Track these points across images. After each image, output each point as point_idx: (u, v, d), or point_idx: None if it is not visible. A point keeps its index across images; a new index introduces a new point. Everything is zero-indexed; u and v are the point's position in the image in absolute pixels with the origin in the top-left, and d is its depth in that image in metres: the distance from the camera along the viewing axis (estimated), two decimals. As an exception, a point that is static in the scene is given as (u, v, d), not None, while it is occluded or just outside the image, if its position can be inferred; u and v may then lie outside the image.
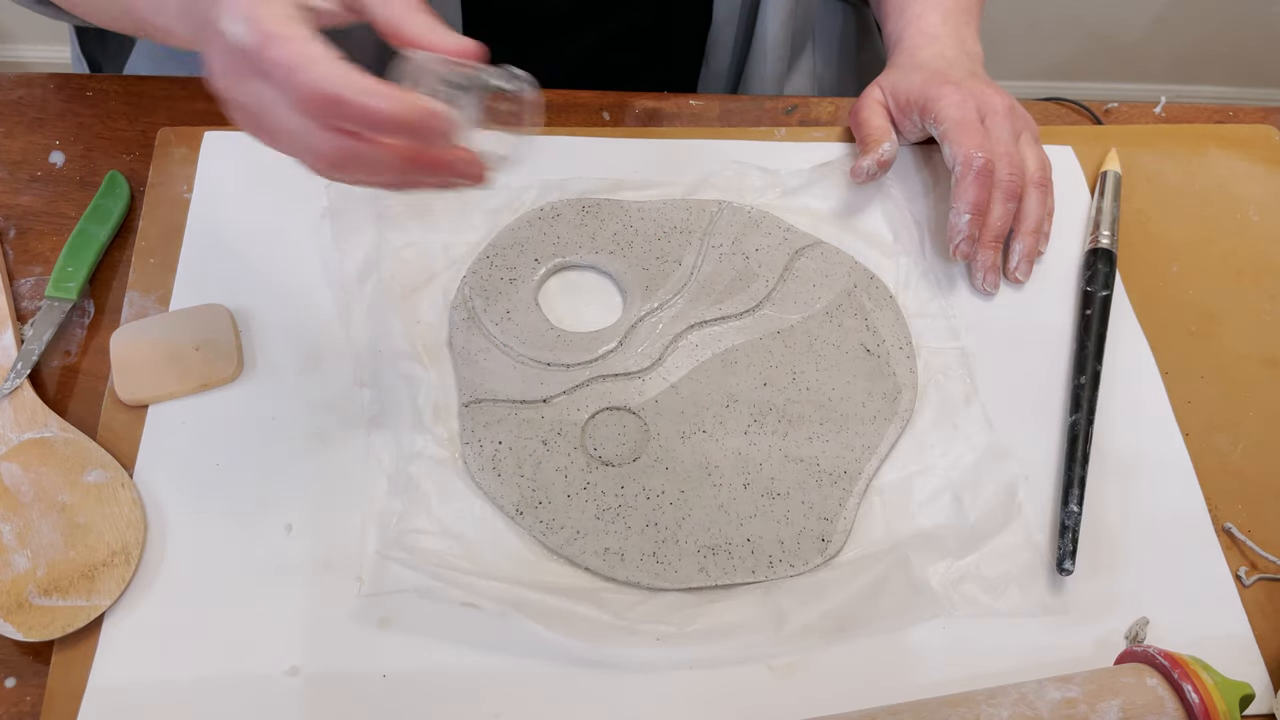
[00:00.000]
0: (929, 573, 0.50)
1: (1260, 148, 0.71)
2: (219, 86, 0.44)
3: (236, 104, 0.44)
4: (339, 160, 0.43)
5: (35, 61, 1.68)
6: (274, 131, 0.44)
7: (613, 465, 0.52)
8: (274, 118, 0.43)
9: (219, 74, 0.44)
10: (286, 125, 0.43)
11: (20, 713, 0.44)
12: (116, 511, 0.48)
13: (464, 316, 0.56)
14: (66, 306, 0.55)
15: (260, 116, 0.44)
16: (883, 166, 0.63)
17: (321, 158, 0.44)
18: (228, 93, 0.44)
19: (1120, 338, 0.60)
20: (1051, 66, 1.77)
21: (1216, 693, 0.42)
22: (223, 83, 0.44)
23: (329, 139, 0.43)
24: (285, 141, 0.44)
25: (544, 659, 0.46)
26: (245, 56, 0.42)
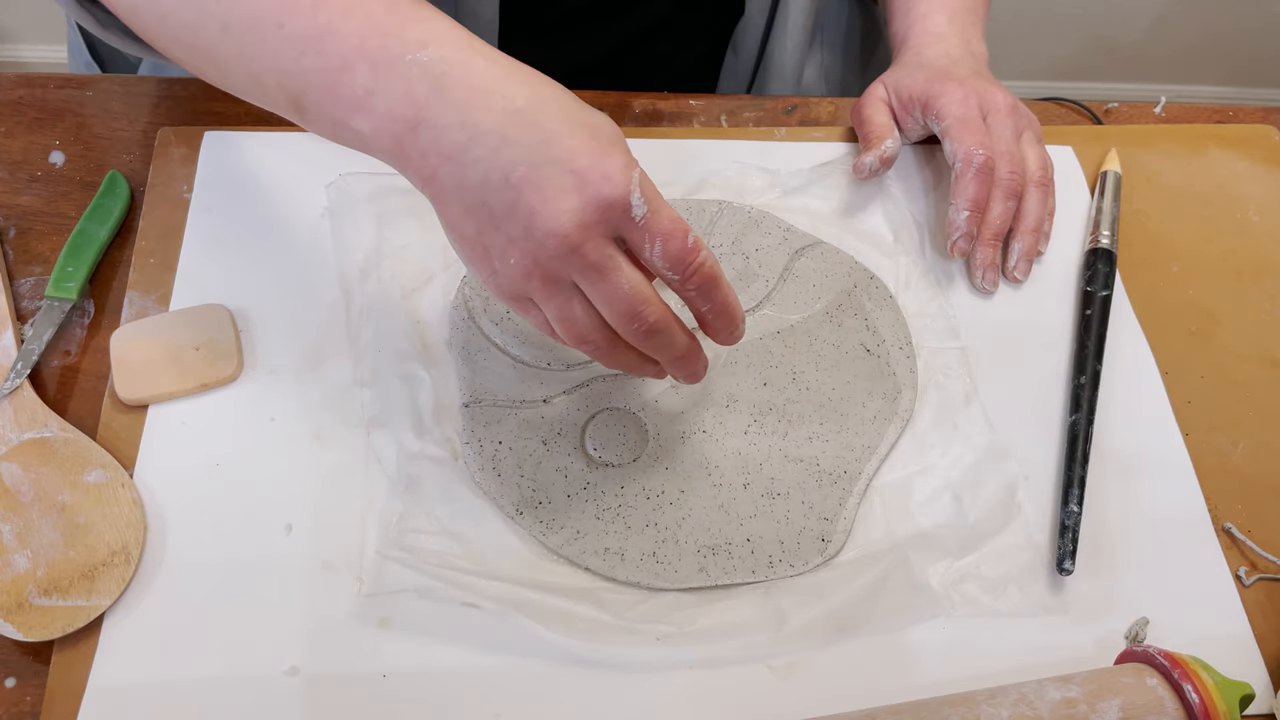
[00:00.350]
0: (929, 573, 0.50)
1: (1260, 148, 0.71)
2: (539, 263, 0.42)
3: (555, 283, 0.43)
4: (651, 333, 0.44)
5: (35, 61, 1.68)
6: (610, 299, 0.43)
7: (613, 465, 0.52)
8: (608, 291, 0.43)
9: (571, 230, 0.41)
10: (616, 300, 0.43)
11: (20, 713, 0.44)
12: (116, 511, 0.48)
13: (464, 316, 0.56)
14: (66, 306, 0.55)
15: (598, 282, 0.43)
16: (885, 163, 0.63)
17: (640, 331, 0.44)
18: (556, 267, 0.42)
19: (1120, 338, 0.60)
20: (1051, 66, 1.77)
21: (1216, 693, 0.42)
22: (563, 255, 0.42)
23: (659, 313, 0.44)
24: (612, 307, 0.43)
25: (544, 659, 0.46)
26: (615, 223, 0.42)
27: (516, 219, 0.41)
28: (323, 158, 0.62)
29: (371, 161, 0.61)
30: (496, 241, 0.42)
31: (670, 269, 0.44)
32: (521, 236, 0.41)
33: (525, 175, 0.41)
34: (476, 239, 0.43)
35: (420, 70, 0.42)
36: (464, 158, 0.41)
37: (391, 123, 0.42)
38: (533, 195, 0.41)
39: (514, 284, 0.43)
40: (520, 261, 0.42)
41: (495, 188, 0.41)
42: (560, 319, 0.44)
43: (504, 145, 0.41)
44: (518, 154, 0.41)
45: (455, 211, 0.43)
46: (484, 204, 0.42)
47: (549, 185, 0.41)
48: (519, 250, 0.42)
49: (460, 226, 0.43)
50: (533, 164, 0.41)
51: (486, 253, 0.43)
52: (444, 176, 0.42)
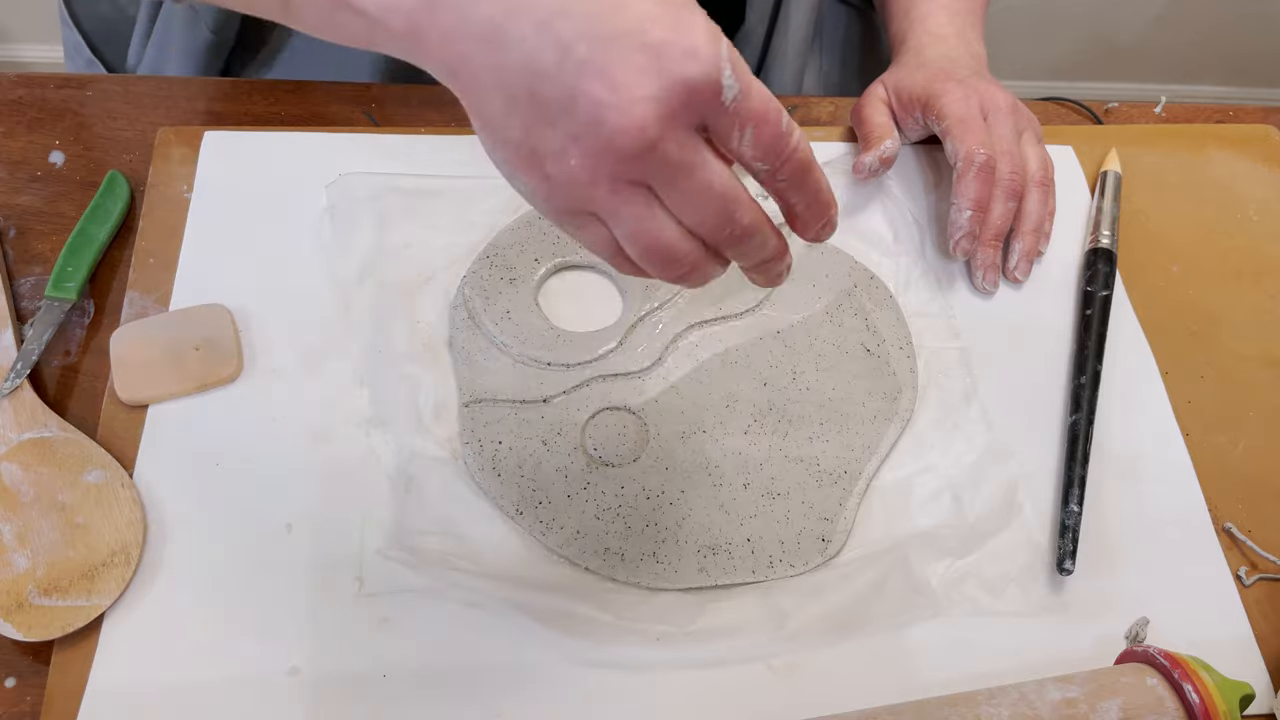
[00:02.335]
0: (929, 572, 0.50)
1: (1260, 148, 0.71)
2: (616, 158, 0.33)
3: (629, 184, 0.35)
4: (743, 236, 0.37)
5: (35, 61, 1.68)
6: (699, 200, 0.36)
7: (613, 465, 0.52)
8: (696, 193, 0.35)
9: (649, 122, 0.33)
10: (706, 202, 0.36)
11: (20, 713, 0.44)
12: (116, 511, 0.48)
13: (464, 316, 0.56)
14: (66, 306, 0.55)
15: (683, 183, 0.35)
16: (885, 163, 0.63)
17: (732, 236, 0.37)
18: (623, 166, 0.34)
19: (1120, 338, 0.60)
20: (1051, 66, 1.77)
21: (1216, 693, 0.42)
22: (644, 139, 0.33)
23: (753, 212, 0.37)
24: (701, 211, 0.36)
25: (544, 659, 0.46)
26: (700, 109, 0.34)
27: (577, 111, 0.33)
28: (323, 158, 0.62)
29: (372, 161, 0.62)
30: (551, 141, 0.34)
31: (762, 159, 0.36)
32: (584, 132, 0.33)
33: (585, 55, 0.33)
34: (524, 139, 0.34)
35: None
36: (502, 37, 0.33)
37: None
38: (597, 80, 0.33)
39: (574, 193, 0.35)
40: (583, 163, 0.34)
41: (548, 70, 0.33)
42: (637, 234, 0.36)
43: (554, 17, 0.33)
44: (574, 26, 0.33)
45: (494, 107, 0.34)
46: (532, 95, 0.33)
47: (618, 66, 0.33)
48: (581, 149, 0.34)
49: (501, 127, 0.35)
50: (594, 39, 0.33)
51: (536, 156, 0.35)
52: (476, 63, 0.34)
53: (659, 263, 0.37)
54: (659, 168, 0.35)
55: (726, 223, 0.37)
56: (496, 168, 0.37)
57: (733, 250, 0.39)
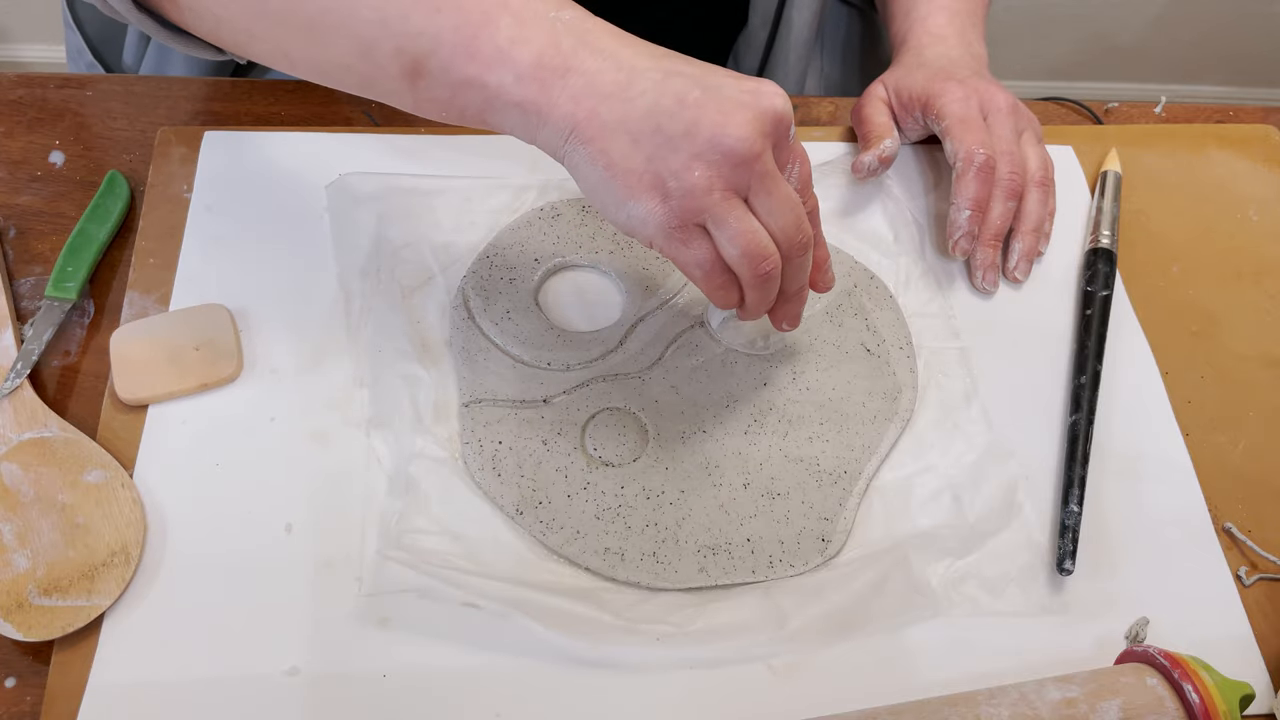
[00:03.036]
0: (929, 572, 0.50)
1: (1260, 148, 0.71)
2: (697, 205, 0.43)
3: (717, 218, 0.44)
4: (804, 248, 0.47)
5: (35, 61, 1.68)
6: (783, 207, 0.45)
7: (613, 465, 0.52)
8: (781, 199, 0.45)
9: (755, 138, 0.43)
10: (787, 208, 0.45)
11: (20, 713, 0.44)
12: (116, 511, 0.48)
13: (464, 316, 0.56)
14: (66, 306, 0.55)
15: (774, 190, 0.45)
16: (884, 163, 0.63)
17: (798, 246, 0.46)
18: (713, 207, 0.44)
19: (1120, 338, 0.60)
20: (1051, 66, 1.77)
21: (1216, 693, 0.42)
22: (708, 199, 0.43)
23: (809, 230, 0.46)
24: (783, 215, 0.45)
25: (544, 659, 0.46)
26: (777, 138, 0.45)
27: (698, 135, 0.42)
28: (323, 158, 0.62)
29: (372, 161, 0.62)
30: (674, 162, 0.43)
31: (800, 191, 0.47)
32: (706, 149, 0.43)
33: (700, 97, 0.43)
34: (646, 167, 0.43)
35: (564, 26, 0.43)
36: (627, 92, 0.43)
37: (539, 69, 0.43)
38: (713, 110, 0.42)
39: (693, 201, 0.43)
40: (704, 174, 0.43)
41: (669, 111, 0.42)
42: (739, 234, 0.44)
43: (669, 76, 0.43)
44: (687, 81, 0.43)
45: (620, 145, 0.43)
46: (658, 129, 0.43)
47: (727, 103, 0.43)
48: (703, 164, 0.43)
49: (626, 159, 0.43)
50: (705, 87, 0.43)
51: (658, 179, 0.43)
52: (605, 113, 0.43)
53: (754, 258, 0.45)
54: (759, 176, 0.44)
55: (799, 229, 0.46)
56: (605, 209, 0.45)
57: (793, 262, 0.47)
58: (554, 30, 0.43)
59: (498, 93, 0.43)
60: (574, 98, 0.43)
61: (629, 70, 0.43)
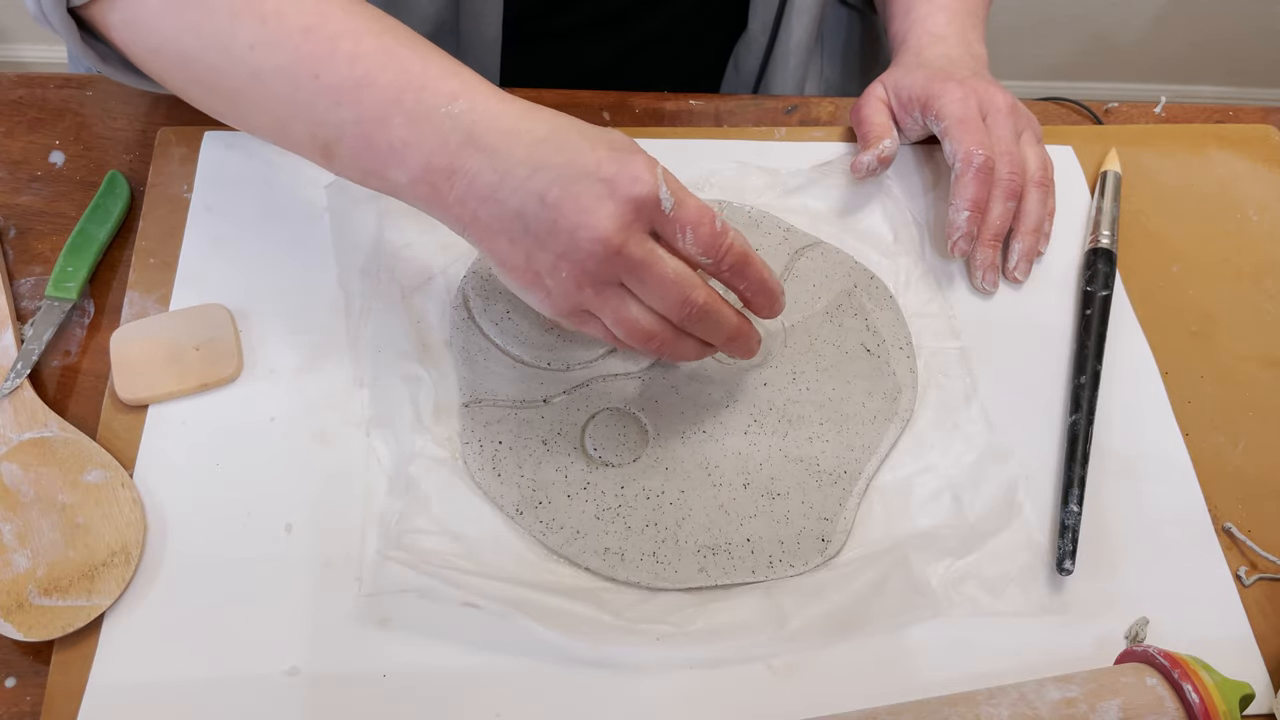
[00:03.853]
0: (929, 572, 0.50)
1: (1260, 148, 0.71)
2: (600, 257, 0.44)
3: (606, 282, 0.45)
4: (702, 315, 0.47)
5: (35, 61, 1.68)
6: (660, 290, 0.46)
7: (613, 465, 0.52)
8: (656, 283, 0.45)
9: (612, 233, 0.43)
10: (665, 289, 0.46)
11: (20, 713, 0.44)
12: (116, 511, 0.48)
13: (464, 316, 0.56)
14: (66, 306, 0.55)
15: (645, 276, 0.45)
16: (883, 162, 0.63)
17: (693, 315, 0.47)
18: (606, 266, 0.44)
19: (1120, 338, 0.60)
20: (1051, 66, 1.77)
21: (1216, 693, 0.42)
22: (607, 256, 0.44)
23: (706, 295, 0.47)
24: (663, 297, 0.46)
25: (544, 659, 0.46)
26: (649, 219, 0.45)
27: (559, 235, 0.44)
28: (323, 158, 0.62)
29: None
30: (544, 261, 0.45)
31: (703, 254, 0.46)
32: (567, 249, 0.44)
33: (560, 194, 0.44)
34: (526, 265, 0.45)
35: (453, 121, 0.45)
36: (499, 194, 0.44)
37: (428, 172, 0.45)
38: (570, 209, 0.43)
39: (569, 297, 0.46)
40: (571, 274, 0.45)
41: (534, 212, 0.44)
42: (619, 321, 0.47)
43: (535, 173, 0.44)
44: (549, 176, 0.44)
45: (501, 245, 0.45)
46: (526, 230, 0.44)
47: (583, 197, 0.44)
48: (568, 264, 0.44)
49: (509, 258, 0.46)
50: (565, 182, 0.44)
51: (538, 275, 0.45)
52: (484, 216, 0.45)
53: (639, 342, 0.48)
54: (626, 267, 0.45)
55: (685, 304, 0.46)
56: (511, 288, 0.48)
57: (696, 327, 0.48)
58: (442, 129, 0.45)
59: (397, 188, 0.47)
60: (460, 200, 0.45)
61: (502, 171, 0.44)
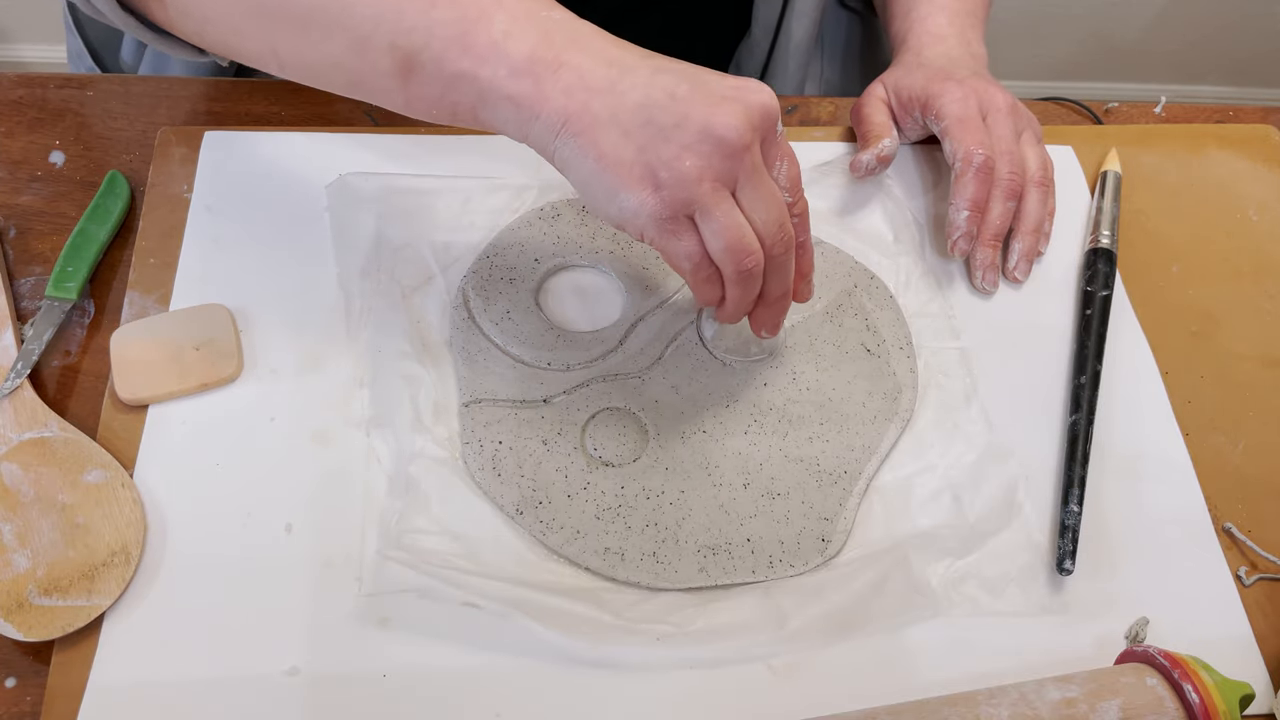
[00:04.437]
0: (929, 572, 0.50)
1: (1260, 148, 0.71)
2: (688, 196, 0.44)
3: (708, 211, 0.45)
4: (786, 248, 0.47)
5: (35, 61, 1.68)
6: (768, 202, 0.46)
7: (613, 465, 0.52)
8: (768, 194, 0.46)
9: (744, 129, 0.44)
10: (771, 204, 0.46)
11: (20, 713, 0.44)
12: (116, 511, 0.48)
13: (464, 316, 0.56)
14: (66, 306, 0.55)
15: (760, 184, 0.45)
16: (882, 162, 0.63)
17: (779, 244, 0.47)
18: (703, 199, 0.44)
19: (1120, 338, 0.60)
20: (1051, 66, 1.77)
21: (1216, 693, 0.42)
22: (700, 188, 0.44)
23: (791, 230, 0.47)
24: (767, 210, 0.46)
25: (544, 659, 0.46)
26: (765, 135, 0.45)
27: (689, 126, 0.43)
28: (323, 158, 0.62)
29: (372, 161, 0.62)
30: (665, 153, 0.43)
31: (788, 190, 0.47)
32: (696, 140, 0.43)
33: (690, 91, 0.44)
34: (637, 158, 0.44)
35: (555, 24, 0.45)
36: (619, 87, 0.44)
37: (533, 63, 0.44)
38: (703, 102, 0.43)
39: (683, 192, 0.44)
40: (695, 164, 0.43)
41: (660, 104, 0.43)
42: (728, 228, 0.45)
43: (658, 73, 0.44)
44: (675, 77, 0.44)
45: (611, 136, 0.44)
46: (649, 121, 0.43)
47: (714, 97, 0.44)
48: (694, 154, 0.43)
49: (616, 150, 0.44)
50: (694, 83, 0.44)
51: (650, 169, 0.44)
52: (597, 106, 0.44)
53: (737, 252, 0.46)
54: (746, 170, 0.45)
55: (781, 227, 0.46)
56: (596, 201, 0.46)
57: (775, 261, 0.47)
58: (546, 28, 0.44)
59: (491, 86, 0.44)
60: (566, 91, 0.44)
61: (620, 66, 0.44)
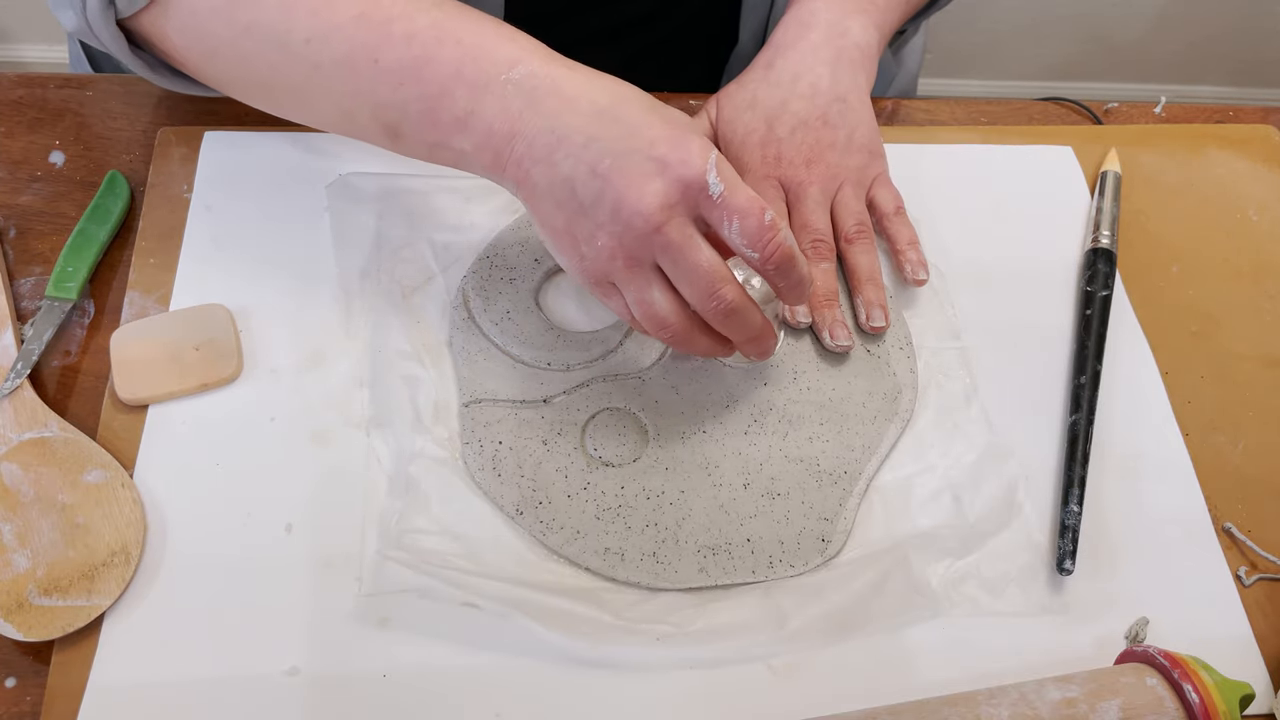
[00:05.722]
0: (929, 572, 0.50)
1: (1260, 148, 0.71)
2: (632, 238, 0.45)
3: (637, 261, 0.45)
4: (729, 312, 0.47)
5: (35, 61, 1.68)
6: (691, 277, 0.46)
7: (613, 465, 0.52)
8: (689, 269, 0.46)
9: (654, 210, 0.44)
10: (696, 277, 0.46)
11: (20, 713, 0.44)
12: (116, 511, 0.48)
13: (464, 316, 0.56)
14: (66, 306, 0.55)
15: (679, 260, 0.45)
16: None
17: (719, 310, 0.47)
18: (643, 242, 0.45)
19: (1120, 338, 0.60)
20: (1051, 66, 1.77)
21: (1216, 693, 0.42)
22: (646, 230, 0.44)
23: (736, 292, 0.47)
24: (692, 284, 0.46)
25: (544, 659, 0.46)
26: (695, 204, 0.45)
27: (603, 205, 0.45)
28: (323, 158, 0.62)
29: (372, 161, 0.62)
30: (584, 228, 0.46)
31: (749, 246, 0.46)
32: (608, 220, 0.45)
33: (611, 165, 0.44)
34: (565, 229, 0.46)
35: (514, 87, 0.46)
36: (554, 157, 0.45)
37: (491, 138, 0.46)
38: (618, 181, 0.44)
39: (599, 266, 0.46)
40: (606, 244, 0.45)
41: (583, 179, 0.45)
42: (639, 302, 0.47)
43: (590, 141, 0.45)
44: (603, 147, 0.45)
45: (547, 207, 0.46)
46: (573, 195, 0.45)
47: (633, 171, 0.44)
48: (605, 233, 0.45)
49: (551, 220, 0.47)
50: (617, 154, 0.44)
51: (575, 240, 0.46)
52: (536, 177, 0.46)
53: (653, 327, 0.48)
54: (662, 247, 0.45)
55: (713, 296, 0.46)
56: (549, 249, 0.49)
57: (720, 323, 0.48)
58: (504, 95, 0.46)
59: (462, 155, 0.48)
60: (517, 161, 0.46)
61: (560, 135, 0.45)
